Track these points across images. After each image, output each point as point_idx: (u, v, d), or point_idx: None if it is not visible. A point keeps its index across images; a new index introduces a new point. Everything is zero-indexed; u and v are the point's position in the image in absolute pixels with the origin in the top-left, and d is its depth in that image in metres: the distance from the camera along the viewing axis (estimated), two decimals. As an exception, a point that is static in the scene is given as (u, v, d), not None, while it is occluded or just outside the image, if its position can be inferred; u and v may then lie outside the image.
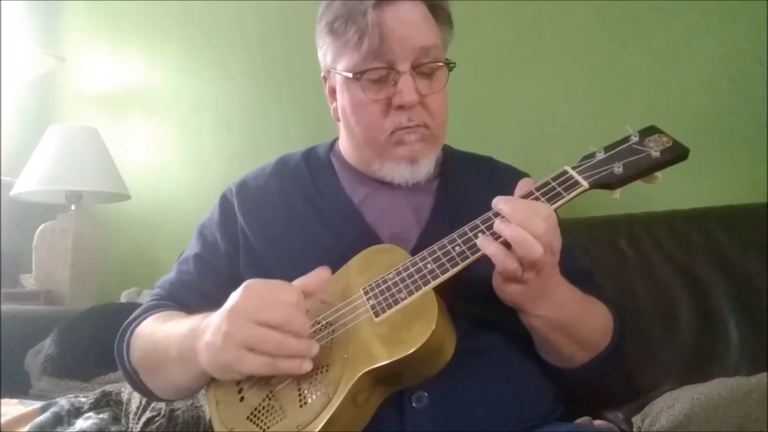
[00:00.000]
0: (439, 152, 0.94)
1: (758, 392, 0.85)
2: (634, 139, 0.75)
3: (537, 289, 0.71)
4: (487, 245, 0.68)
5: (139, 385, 0.89)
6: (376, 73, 0.84)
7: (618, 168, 0.72)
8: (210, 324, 0.71)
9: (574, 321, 0.76)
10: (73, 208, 2.22)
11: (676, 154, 0.72)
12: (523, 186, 0.74)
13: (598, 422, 0.99)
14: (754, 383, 0.89)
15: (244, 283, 0.70)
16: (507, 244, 0.67)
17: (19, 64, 2.51)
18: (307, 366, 0.67)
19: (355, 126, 0.89)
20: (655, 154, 0.72)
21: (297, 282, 0.71)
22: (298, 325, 0.66)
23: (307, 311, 0.70)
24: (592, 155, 0.75)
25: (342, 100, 0.90)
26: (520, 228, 0.66)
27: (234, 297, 0.69)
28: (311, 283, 0.72)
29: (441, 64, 0.87)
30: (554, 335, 0.76)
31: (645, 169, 0.72)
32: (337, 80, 0.90)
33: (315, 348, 0.68)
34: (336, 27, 0.85)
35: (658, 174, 0.73)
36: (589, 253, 1.24)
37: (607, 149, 0.75)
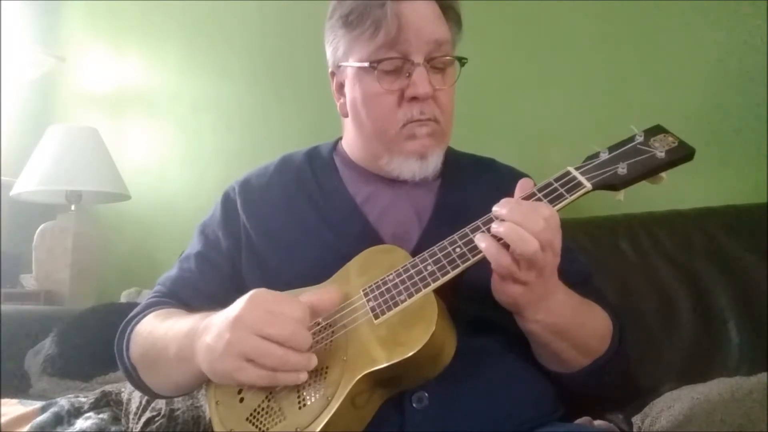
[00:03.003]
0: (445, 149, 0.93)
1: (758, 392, 0.85)
2: (639, 138, 0.73)
3: (537, 292, 0.70)
4: (481, 240, 0.68)
5: (138, 382, 0.89)
6: (391, 63, 0.85)
7: (622, 169, 0.70)
8: (210, 326, 0.71)
9: (572, 325, 0.76)
10: (73, 208, 2.22)
11: (682, 154, 0.70)
12: (523, 186, 0.73)
13: (598, 422, 0.98)
14: (754, 383, 0.88)
15: (251, 293, 0.70)
16: (507, 245, 0.66)
17: (19, 64, 2.51)
18: (303, 377, 0.67)
19: (366, 118, 0.89)
20: (660, 154, 0.70)
21: (306, 298, 0.70)
22: (300, 341, 0.66)
23: (310, 328, 0.70)
24: (596, 155, 0.73)
25: (353, 93, 0.90)
26: (515, 225, 0.66)
27: (239, 305, 0.69)
28: (321, 304, 0.71)
29: (453, 58, 0.88)
30: (552, 340, 0.76)
31: (650, 170, 0.70)
32: (348, 73, 0.90)
33: (313, 361, 0.67)
34: (351, 20, 0.86)
35: (664, 174, 0.72)
36: (589, 253, 1.24)
37: (611, 149, 0.73)
